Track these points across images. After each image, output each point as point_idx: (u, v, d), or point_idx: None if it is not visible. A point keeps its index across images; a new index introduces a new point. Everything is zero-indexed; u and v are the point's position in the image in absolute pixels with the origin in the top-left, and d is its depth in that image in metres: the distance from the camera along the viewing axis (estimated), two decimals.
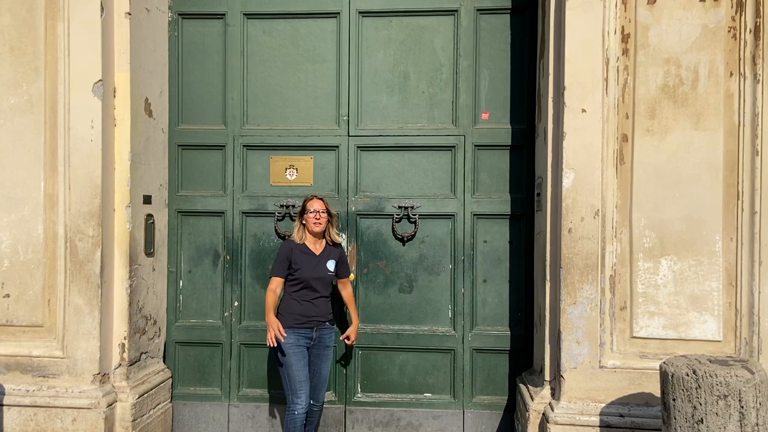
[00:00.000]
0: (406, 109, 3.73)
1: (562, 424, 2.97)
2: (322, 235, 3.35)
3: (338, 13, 3.73)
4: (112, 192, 3.38)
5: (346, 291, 3.48)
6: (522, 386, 3.42)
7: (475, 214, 3.67)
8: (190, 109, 3.82)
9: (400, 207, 3.69)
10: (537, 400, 3.17)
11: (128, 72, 3.38)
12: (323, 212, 3.27)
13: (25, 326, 3.32)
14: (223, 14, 3.78)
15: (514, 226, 3.68)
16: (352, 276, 3.64)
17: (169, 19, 3.79)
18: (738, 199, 2.96)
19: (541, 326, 3.29)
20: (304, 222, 3.30)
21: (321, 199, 3.33)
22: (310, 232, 3.30)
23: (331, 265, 3.33)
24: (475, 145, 3.67)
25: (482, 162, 3.69)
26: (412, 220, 3.69)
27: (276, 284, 3.26)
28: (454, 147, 3.68)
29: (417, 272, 3.73)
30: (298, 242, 3.30)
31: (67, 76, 3.27)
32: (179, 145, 3.82)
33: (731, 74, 2.97)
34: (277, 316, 3.22)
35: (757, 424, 2.26)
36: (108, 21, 3.31)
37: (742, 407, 2.25)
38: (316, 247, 3.33)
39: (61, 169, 3.28)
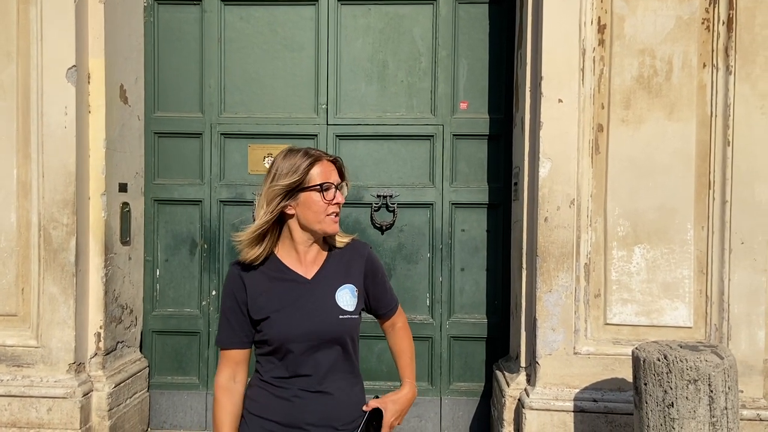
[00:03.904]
0: (384, 98, 3.73)
1: (537, 410, 3.02)
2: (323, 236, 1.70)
3: (317, 0, 3.71)
4: (86, 180, 3.33)
5: (397, 336, 1.86)
6: (498, 373, 3.47)
7: (453, 204, 3.70)
8: (166, 97, 3.77)
9: (378, 196, 3.70)
10: (513, 386, 3.21)
11: (103, 58, 3.32)
12: (343, 186, 1.73)
13: None
14: (200, 0, 3.73)
15: (491, 215, 3.70)
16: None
17: (145, 4, 3.72)
18: (709, 188, 3.01)
19: (518, 314, 3.33)
20: (292, 212, 1.63)
21: (334, 160, 1.72)
22: (301, 232, 1.66)
23: (345, 297, 1.65)
24: (454, 135, 3.69)
25: (460, 151, 3.71)
26: (390, 209, 3.70)
27: (228, 368, 1.65)
28: (432, 136, 3.69)
29: (395, 261, 3.74)
30: (256, 260, 1.63)
31: (40, 62, 3.19)
32: (155, 133, 3.77)
33: (704, 65, 3.02)
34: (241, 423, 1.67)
35: (726, 408, 2.32)
36: (82, 5, 3.24)
37: (712, 391, 2.30)
38: (306, 262, 1.68)
39: (34, 156, 3.22)
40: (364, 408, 1.66)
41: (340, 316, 1.62)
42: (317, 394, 1.60)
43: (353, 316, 1.65)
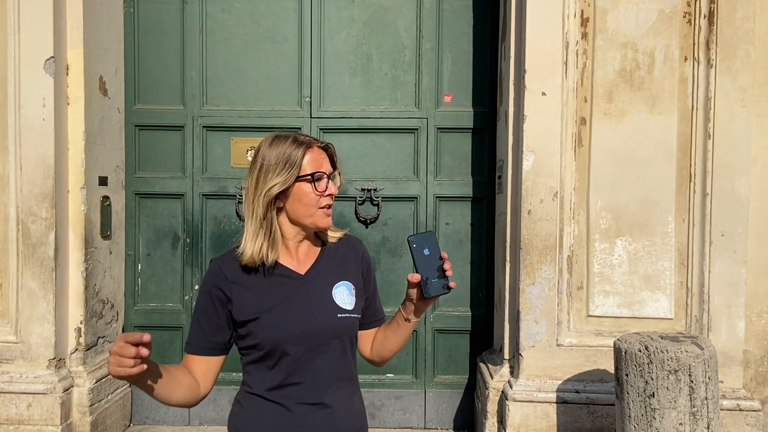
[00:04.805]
0: (368, 90, 3.71)
1: (520, 401, 3.04)
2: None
3: None
4: (66, 173, 3.28)
5: (380, 346, 1.60)
6: (482, 365, 3.48)
7: (437, 197, 3.69)
8: (147, 89, 3.73)
9: (363, 189, 3.69)
10: (496, 378, 3.22)
11: (81, 49, 3.27)
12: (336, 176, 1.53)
13: None
14: None
15: (475, 208, 3.71)
16: None
17: None
18: (690, 181, 3.04)
19: (501, 306, 3.34)
20: (281, 205, 1.47)
21: (326, 147, 1.51)
22: (291, 226, 1.50)
23: (342, 294, 1.52)
24: (438, 128, 3.68)
25: (445, 145, 3.70)
26: (375, 202, 3.69)
27: (194, 366, 1.47)
28: (417, 129, 3.68)
29: (380, 254, 3.73)
30: (250, 258, 1.44)
31: (17, 53, 3.13)
32: (136, 126, 3.72)
33: (686, 59, 3.04)
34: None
35: (706, 398, 2.35)
36: None
37: (692, 382, 2.33)
38: (298, 256, 1.53)
39: (11, 149, 3.17)
40: (409, 278, 1.45)
41: (339, 315, 1.48)
42: (316, 406, 1.45)
43: (352, 315, 1.50)
